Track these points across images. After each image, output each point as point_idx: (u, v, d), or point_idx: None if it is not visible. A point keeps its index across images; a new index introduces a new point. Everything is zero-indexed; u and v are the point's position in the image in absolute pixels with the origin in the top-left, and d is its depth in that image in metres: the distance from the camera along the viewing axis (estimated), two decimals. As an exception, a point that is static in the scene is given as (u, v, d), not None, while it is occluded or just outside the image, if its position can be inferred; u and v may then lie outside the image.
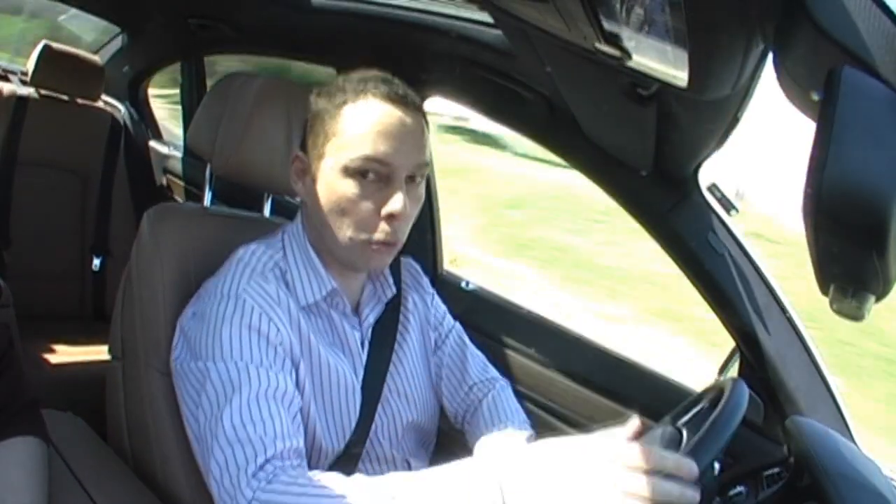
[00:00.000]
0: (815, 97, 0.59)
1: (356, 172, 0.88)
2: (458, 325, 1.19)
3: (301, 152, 0.95)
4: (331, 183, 0.90)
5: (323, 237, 0.94)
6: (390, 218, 0.89)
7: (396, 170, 0.88)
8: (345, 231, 0.90)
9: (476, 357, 1.17)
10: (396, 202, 0.88)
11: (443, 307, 1.19)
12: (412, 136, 0.90)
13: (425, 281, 1.17)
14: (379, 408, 1.01)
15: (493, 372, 1.18)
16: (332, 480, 0.76)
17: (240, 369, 0.84)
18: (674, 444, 0.95)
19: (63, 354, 1.84)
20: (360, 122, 0.88)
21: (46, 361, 1.79)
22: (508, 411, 1.11)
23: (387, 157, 0.87)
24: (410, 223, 0.94)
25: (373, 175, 0.88)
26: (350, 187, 0.88)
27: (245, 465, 0.78)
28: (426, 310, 1.15)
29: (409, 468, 1.04)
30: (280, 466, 0.79)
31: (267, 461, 0.79)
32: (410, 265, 1.17)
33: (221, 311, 0.88)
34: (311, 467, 0.93)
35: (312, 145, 0.93)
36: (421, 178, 0.93)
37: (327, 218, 0.91)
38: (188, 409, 0.90)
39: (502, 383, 1.17)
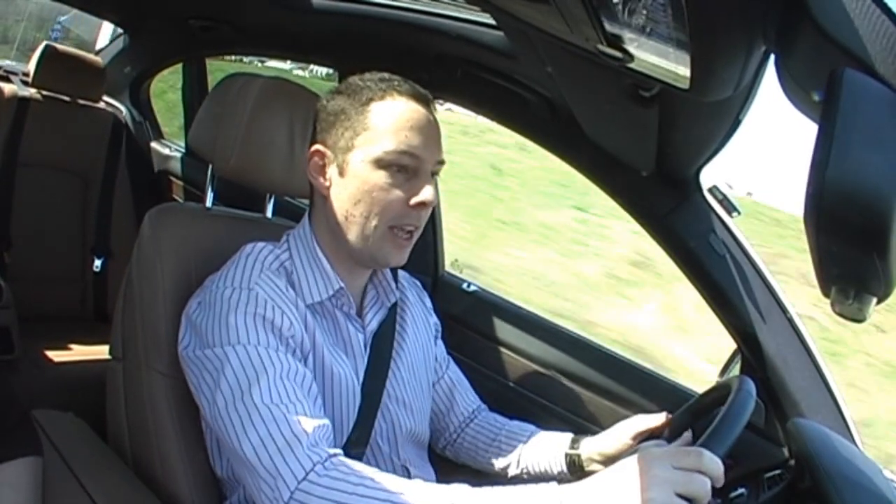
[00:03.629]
0: (816, 98, 0.59)
1: (389, 164, 0.92)
2: (450, 358, 1.26)
3: (321, 147, 0.97)
4: (361, 174, 0.93)
5: (343, 231, 0.95)
6: (420, 206, 0.93)
7: (424, 163, 0.93)
8: (372, 220, 0.93)
9: (467, 388, 1.26)
10: (427, 191, 0.93)
11: (442, 344, 1.24)
12: (436, 132, 0.96)
13: (429, 303, 1.22)
14: (378, 412, 1.02)
15: (478, 401, 1.27)
16: (390, 479, 0.76)
17: (260, 353, 0.85)
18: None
19: (64, 355, 1.84)
20: (391, 118, 0.93)
21: (47, 362, 1.79)
22: (500, 421, 1.22)
23: (417, 151, 0.92)
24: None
25: (403, 167, 0.92)
26: (382, 177, 0.92)
27: (286, 445, 0.78)
28: (427, 331, 1.18)
29: (409, 475, 1.04)
30: (329, 454, 0.79)
31: (314, 444, 0.79)
32: (416, 284, 1.21)
33: (234, 299, 0.89)
34: None
35: (336, 140, 0.95)
36: (438, 174, 0.98)
37: (354, 209, 0.94)
38: (203, 396, 0.89)
39: (485, 409, 1.26)
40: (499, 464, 1.17)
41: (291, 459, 0.77)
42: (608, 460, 1.06)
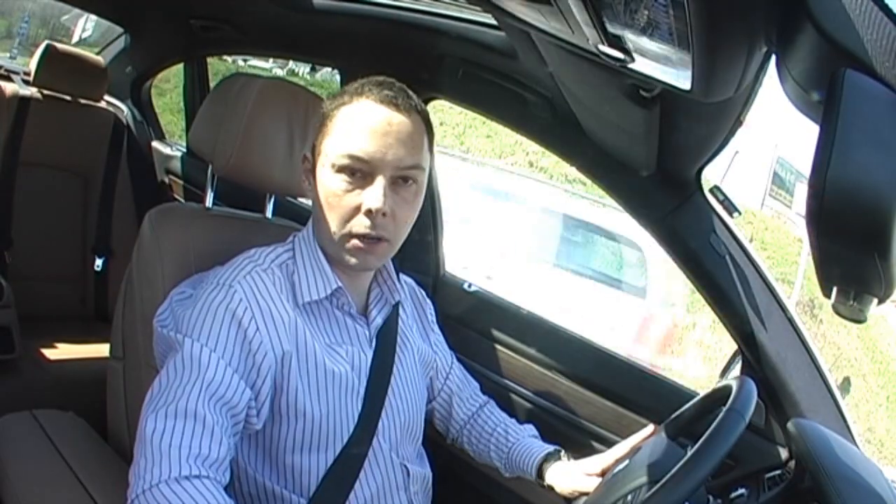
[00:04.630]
0: (817, 98, 0.59)
1: (342, 169, 0.92)
2: (454, 355, 1.28)
3: (307, 151, 1.00)
4: (323, 178, 0.94)
5: (320, 233, 0.97)
6: (369, 213, 0.91)
7: (378, 168, 0.91)
8: (332, 225, 0.94)
9: (472, 384, 1.29)
10: (373, 199, 0.91)
11: (443, 339, 1.25)
12: (398, 136, 0.92)
13: (430, 309, 1.22)
14: (382, 409, 1.02)
15: (483, 397, 1.29)
16: None
17: (210, 359, 0.85)
18: (674, 456, 0.95)
19: (64, 354, 1.84)
20: (348, 122, 0.92)
21: (47, 361, 1.79)
22: (505, 419, 1.25)
23: (367, 155, 0.91)
24: (402, 224, 0.96)
25: (356, 172, 0.91)
26: (337, 182, 0.92)
27: (169, 449, 0.78)
28: (423, 333, 1.19)
29: (407, 473, 1.05)
30: (200, 474, 0.78)
31: (196, 458, 0.79)
32: (417, 289, 1.22)
33: (213, 295, 0.91)
34: (312, 466, 0.94)
35: (315, 144, 0.97)
36: (413, 181, 0.95)
37: (321, 213, 0.95)
38: (159, 368, 0.91)
39: (491, 403, 1.29)
40: (494, 464, 1.22)
41: (166, 466, 0.77)
42: (570, 491, 1.11)
